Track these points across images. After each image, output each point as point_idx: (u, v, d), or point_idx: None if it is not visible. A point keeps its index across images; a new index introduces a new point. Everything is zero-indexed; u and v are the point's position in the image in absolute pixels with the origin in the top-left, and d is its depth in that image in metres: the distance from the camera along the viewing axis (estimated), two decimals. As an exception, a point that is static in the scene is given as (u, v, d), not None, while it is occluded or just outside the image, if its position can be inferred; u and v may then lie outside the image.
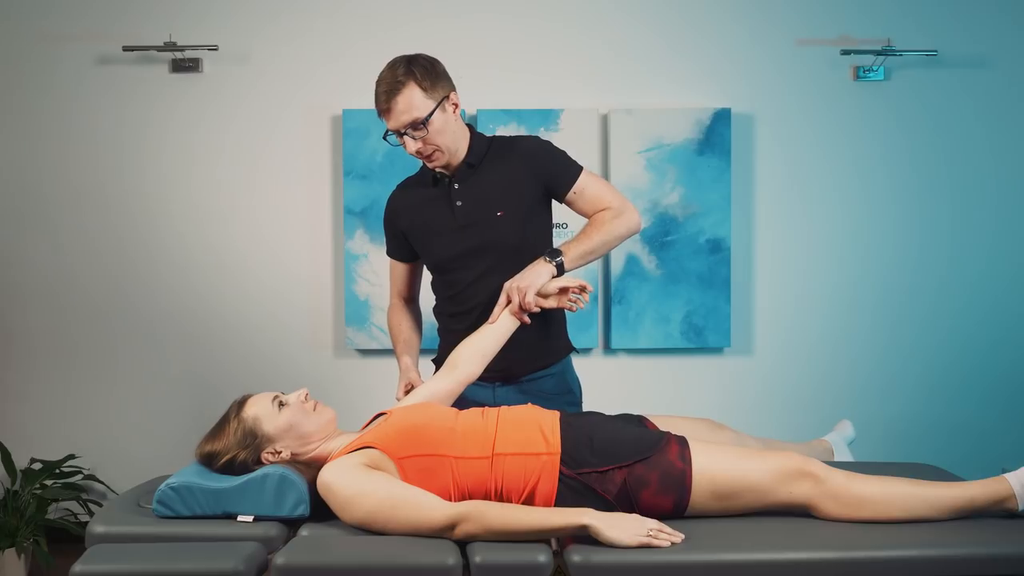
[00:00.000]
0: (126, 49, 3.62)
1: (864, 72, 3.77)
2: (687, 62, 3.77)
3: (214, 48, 3.62)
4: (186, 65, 3.69)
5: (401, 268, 2.60)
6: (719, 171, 3.71)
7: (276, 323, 3.77)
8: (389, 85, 2.28)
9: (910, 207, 3.82)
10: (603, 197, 2.45)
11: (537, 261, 2.37)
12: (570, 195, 2.45)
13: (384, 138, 2.38)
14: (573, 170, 2.45)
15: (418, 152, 2.33)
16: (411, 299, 2.67)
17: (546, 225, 2.50)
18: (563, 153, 2.48)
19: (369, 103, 3.61)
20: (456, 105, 2.37)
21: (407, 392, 2.45)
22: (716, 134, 3.71)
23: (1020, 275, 3.86)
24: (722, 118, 3.71)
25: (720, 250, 3.73)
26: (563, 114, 3.67)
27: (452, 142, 2.37)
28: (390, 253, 2.61)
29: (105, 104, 3.71)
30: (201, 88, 3.72)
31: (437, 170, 2.42)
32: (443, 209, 2.43)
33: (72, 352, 3.75)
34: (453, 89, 2.37)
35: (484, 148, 2.45)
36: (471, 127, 2.47)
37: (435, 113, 2.30)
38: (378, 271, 3.70)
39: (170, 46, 3.62)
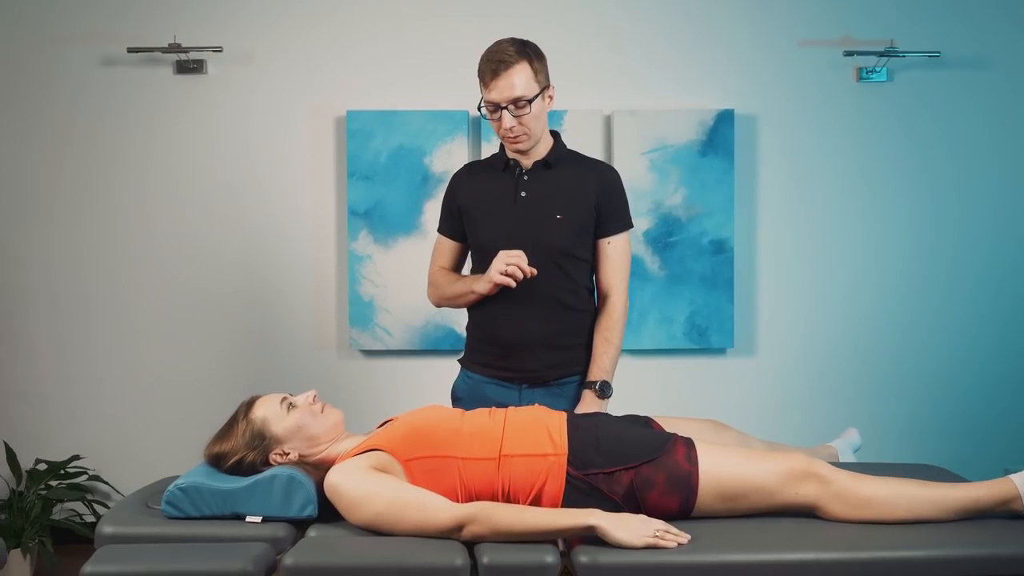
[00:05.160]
0: (130, 51, 3.62)
1: (867, 73, 3.78)
2: (690, 63, 3.78)
3: (218, 49, 3.63)
4: (190, 66, 3.70)
5: (449, 246, 2.59)
6: (722, 172, 3.72)
7: (280, 324, 3.78)
8: (502, 57, 2.32)
9: (913, 208, 3.83)
10: (619, 269, 2.49)
11: (591, 402, 2.41)
12: (602, 241, 2.48)
13: (478, 108, 2.40)
14: (624, 222, 2.51)
15: (510, 129, 2.35)
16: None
17: (590, 248, 2.49)
18: (627, 201, 2.53)
19: (372, 104, 3.70)
20: (552, 99, 2.42)
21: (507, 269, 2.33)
22: (719, 135, 3.72)
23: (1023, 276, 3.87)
24: (725, 119, 3.71)
25: (723, 251, 3.73)
26: (567, 115, 3.68)
27: (540, 131, 2.42)
28: (441, 230, 2.60)
29: (109, 105, 3.71)
30: (205, 89, 3.73)
31: (512, 157, 2.45)
32: (506, 195, 2.45)
33: (76, 353, 3.76)
34: (552, 84, 2.42)
35: (563, 153, 2.49)
36: (556, 134, 2.51)
37: (537, 98, 2.34)
38: (382, 272, 3.71)
39: (174, 47, 3.62)
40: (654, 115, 3.71)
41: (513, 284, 2.32)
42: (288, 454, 2.09)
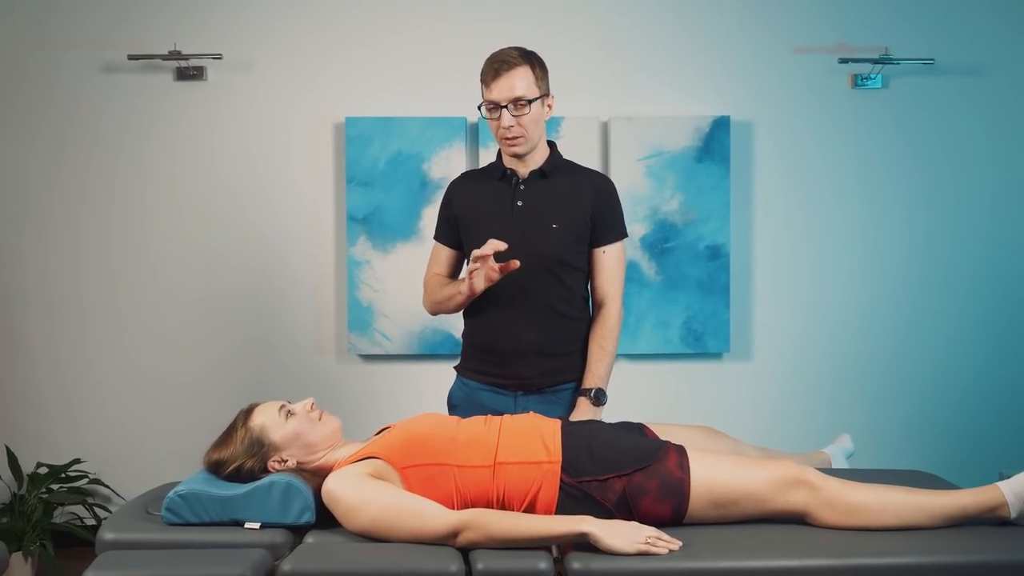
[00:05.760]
0: (131, 57, 3.65)
1: (862, 80, 3.80)
2: (687, 70, 3.81)
3: (218, 56, 3.66)
4: (190, 73, 3.72)
5: (445, 253, 2.63)
6: (718, 178, 3.75)
7: (279, 329, 3.80)
8: (505, 58, 2.39)
9: (908, 214, 3.85)
10: (614, 278, 2.53)
11: (586, 409, 2.43)
12: (598, 250, 2.51)
13: (478, 108, 2.45)
14: (619, 232, 2.54)
15: (508, 129, 2.40)
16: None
17: (585, 257, 2.52)
18: (622, 211, 2.57)
19: (371, 111, 3.73)
20: (551, 107, 2.48)
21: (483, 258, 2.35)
22: (715, 141, 3.74)
23: (1018, 281, 3.89)
24: (721, 126, 3.74)
25: (719, 256, 3.76)
26: (564, 122, 3.71)
27: (538, 137, 2.46)
28: (437, 237, 2.64)
29: (110, 111, 3.74)
30: (205, 96, 3.75)
31: (508, 166, 2.49)
32: (503, 204, 2.49)
33: (77, 357, 3.78)
34: (552, 94, 2.48)
35: (559, 163, 2.53)
36: (553, 144, 2.55)
37: (536, 102, 2.40)
38: (381, 277, 3.74)
39: (175, 55, 3.65)
40: (651, 122, 3.74)
41: (494, 268, 2.31)
42: (286, 461, 2.12)
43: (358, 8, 3.76)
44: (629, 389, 3.79)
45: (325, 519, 2.06)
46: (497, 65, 2.38)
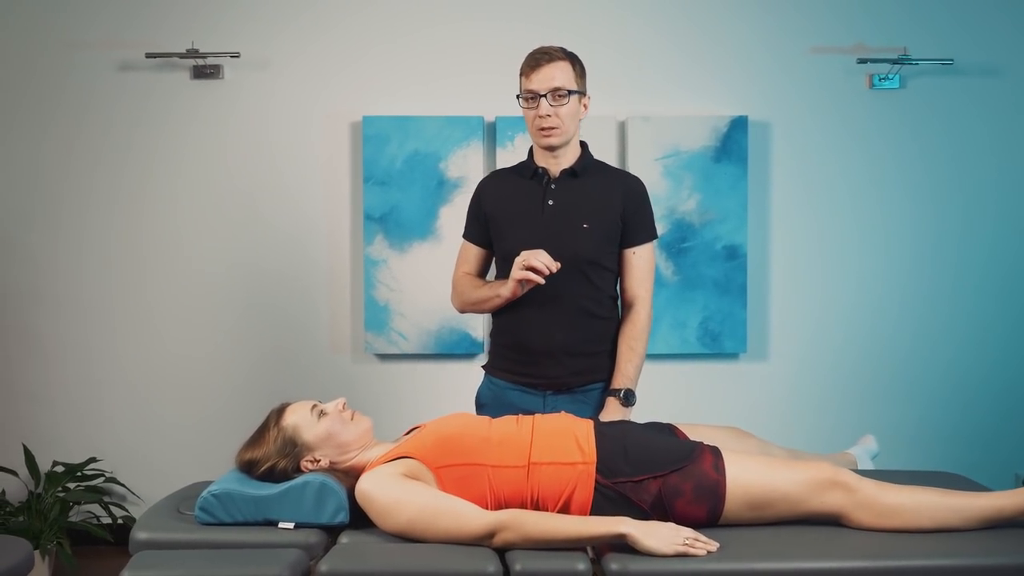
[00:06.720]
0: (148, 56, 3.64)
1: (879, 80, 3.80)
2: (704, 70, 3.80)
3: (236, 55, 3.65)
4: (207, 72, 3.72)
5: (475, 251, 2.63)
6: (736, 178, 3.75)
7: (296, 328, 3.80)
8: (547, 52, 2.43)
9: (925, 214, 3.85)
10: (644, 279, 2.54)
11: (615, 409, 2.43)
12: (628, 251, 2.52)
13: (517, 96, 2.47)
14: (649, 232, 2.55)
15: (545, 118, 2.41)
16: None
17: (615, 257, 2.53)
18: (652, 212, 2.57)
19: (387, 110, 3.73)
20: (586, 108, 2.50)
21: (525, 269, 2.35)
22: (733, 141, 3.74)
23: (1035, 281, 3.91)
24: (739, 126, 3.74)
25: (736, 256, 3.76)
26: (581, 121, 3.69)
27: (572, 132, 2.48)
28: (467, 235, 2.64)
29: (127, 110, 3.73)
30: (222, 94, 3.75)
31: (540, 165, 2.49)
32: (534, 203, 2.49)
33: (93, 356, 3.77)
34: (589, 95, 2.51)
35: (590, 163, 2.54)
36: (584, 144, 2.56)
37: (575, 96, 2.43)
38: (397, 276, 3.74)
39: (192, 53, 3.64)
40: (668, 121, 3.73)
41: (540, 280, 2.33)
42: (319, 461, 2.11)
43: (375, 7, 3.76)
44: (646, 389, 3.75)
45: (359, 519, 2.06)
46: (539, 56, 2.42)
